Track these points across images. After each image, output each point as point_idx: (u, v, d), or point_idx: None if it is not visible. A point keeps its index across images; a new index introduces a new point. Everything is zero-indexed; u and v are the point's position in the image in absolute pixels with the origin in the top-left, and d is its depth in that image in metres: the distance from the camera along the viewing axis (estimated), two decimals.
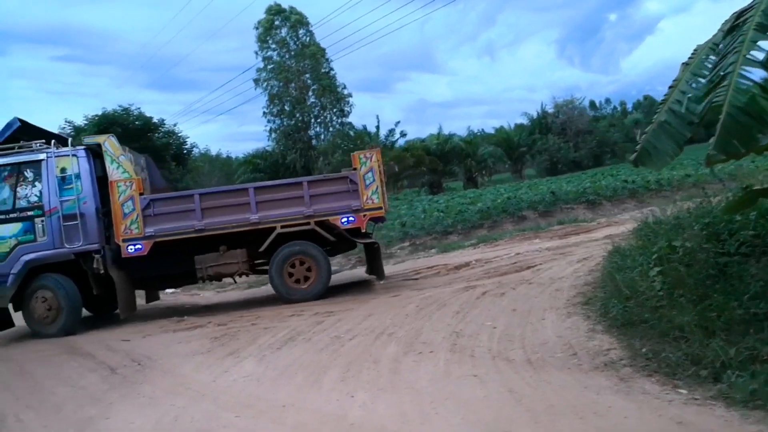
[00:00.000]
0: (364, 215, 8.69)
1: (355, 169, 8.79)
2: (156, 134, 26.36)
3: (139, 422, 4.34)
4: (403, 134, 42.96)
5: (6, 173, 8.82)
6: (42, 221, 8.72)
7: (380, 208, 8.71)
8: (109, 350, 6.95)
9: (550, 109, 59.89)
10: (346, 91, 36.14)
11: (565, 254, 9.63)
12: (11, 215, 8.74)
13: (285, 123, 35.62)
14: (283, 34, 34.07)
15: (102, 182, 8.95)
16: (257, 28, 34.42)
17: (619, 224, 11.08)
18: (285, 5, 34.36)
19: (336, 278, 11.17)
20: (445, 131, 48.94)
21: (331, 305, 8.01)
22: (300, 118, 35.28)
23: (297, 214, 8.77)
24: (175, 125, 28.00)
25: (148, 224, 8.73)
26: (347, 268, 12.39)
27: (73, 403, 5.02)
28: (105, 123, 24.45)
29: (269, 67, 34.84)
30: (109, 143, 8.96)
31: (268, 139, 36.48)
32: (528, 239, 12.36)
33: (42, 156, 8.83)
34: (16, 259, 8.52)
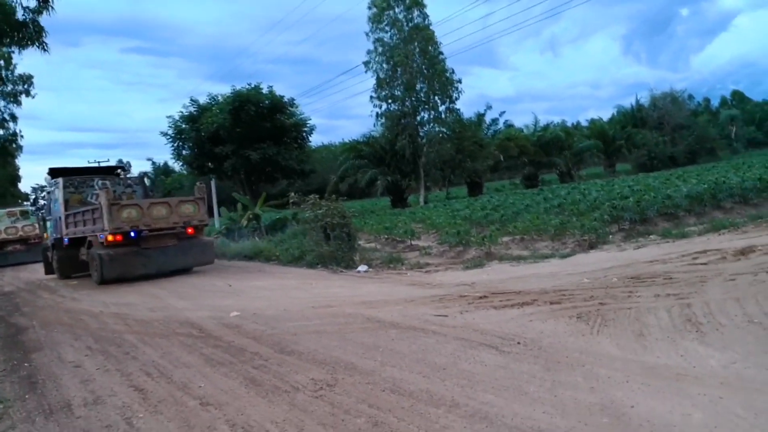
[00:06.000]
0: (105, 233, 13.11)
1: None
2: (283, 115, 25.78)
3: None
4: (508, 125, 41.34)
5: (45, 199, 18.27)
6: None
7: (106, 229, 13.04)
8: (444, 326, 6.12)
9: (644, 102, 57.60)
10: (455, 77, 34.93)
11: None
12: (48, 218, 17.31)
13: (391, 108, 34.73)
14: (398, 15, 33.09)
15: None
16: (370, 8, 33.67)
17: None
18: None
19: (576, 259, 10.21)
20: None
21: (657, 286, 6.94)
22: (408, 104, 34.32)
23: (89, 231, 14.02)
24: (298, 106, 27.39)
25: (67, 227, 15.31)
26: (567, 250, 11.33)
27: (535, 385, 4.14)
28: (238, 101, 24.14)
29: (379, 49, 34.05)
30: (62, 180, 15.70)
31: (375, 125, 35.72)
32: None
33: (52, 188, 16.67)
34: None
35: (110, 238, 13.04)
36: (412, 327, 6.22)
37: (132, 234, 13.26)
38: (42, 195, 19.04)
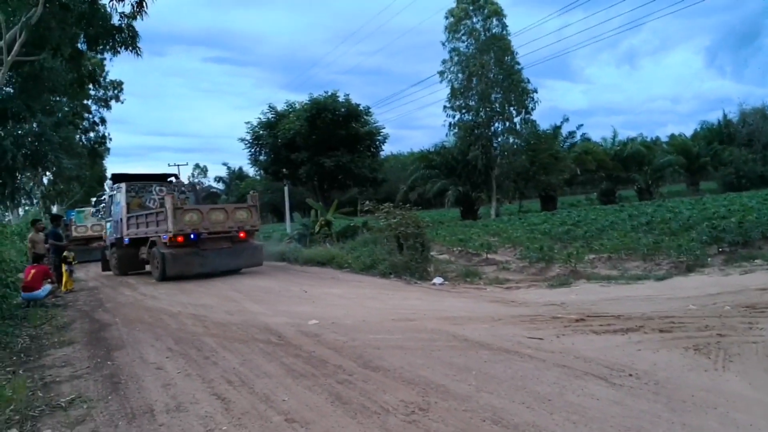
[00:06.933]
0: (168, 234, 14.41)
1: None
2: (357, 123, 25.70)
3: None
4: (585, 138, 39.81)
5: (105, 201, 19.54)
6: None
7: (170, 231, 14.35)
8: (540, 350, 5.63)
9: (732, 117, 54.23)
10: (530, 86, 33.91)
11: None
12: (108, 220, 18.76)
13: (464, 118, 34.06)
14: (476, 24, 32.52)
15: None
16: (447, 18, 33.25)
17: None
18: None
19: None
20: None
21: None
22: (482, 114, 33.57)
23: (152, 232, 15.34)
24: (372, 114, 27.27)
25: (128, 228, 16.77)
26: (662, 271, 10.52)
27: (662, 428, 3.62)
28: (315, 109, 24.30)
29: (455, 59, 33.55)
30: (125, 185, 17.39)
31: (447, 135, 35.21)
32: None
33: (114, 192, 18.11)
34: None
35: (173, 239, 14.31)
36: (505, 349, 5.77)
37: (192, 236, 14.58)
38: (102, 198, 20.44)
